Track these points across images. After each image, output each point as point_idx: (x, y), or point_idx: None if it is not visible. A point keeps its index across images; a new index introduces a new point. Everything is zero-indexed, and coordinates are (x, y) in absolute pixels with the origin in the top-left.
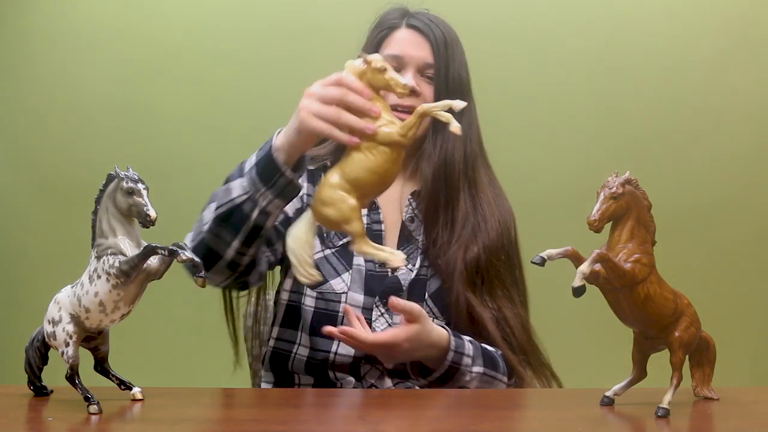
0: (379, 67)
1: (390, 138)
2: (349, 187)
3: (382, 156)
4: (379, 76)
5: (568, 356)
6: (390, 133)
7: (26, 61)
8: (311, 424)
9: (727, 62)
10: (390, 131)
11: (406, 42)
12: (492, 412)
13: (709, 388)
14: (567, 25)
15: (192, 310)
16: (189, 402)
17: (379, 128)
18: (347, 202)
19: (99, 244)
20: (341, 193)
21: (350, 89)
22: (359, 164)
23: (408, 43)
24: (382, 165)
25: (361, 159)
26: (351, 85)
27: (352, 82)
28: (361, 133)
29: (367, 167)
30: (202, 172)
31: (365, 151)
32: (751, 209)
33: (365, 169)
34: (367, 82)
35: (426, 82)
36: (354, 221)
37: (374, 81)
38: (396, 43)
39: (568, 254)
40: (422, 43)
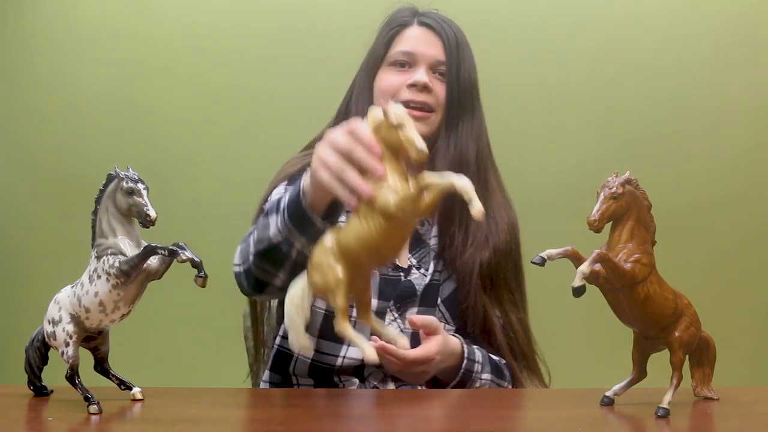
0: (396, 123)
1: (386, 208)
2: (340, 254)
3: (376, 227)
4: (393, 132)
5: (568, 356)
6: (387, 203)
7: (26, 60)
8: (311, 424)
9: (727, 62)
10: (387, 201)
11: (419, 39)
12: (492, 412)
13: (709, 388)
14: (567, 26)
15: (192, 310)
16: (189, 402)
17: (379, 193)
18: (334, 272)
19: (99, 244)
20: (330, 261)
21: (360, 142)
22: (353, 232)
23: (420, 41)
24: (373, 237)
25: (355, 226)
26: (361, 138)
27: (364, 136)
28: (359, 195)
29: (359, 237)
30: (202, 172)
31: (362, 217)
32: (751, 209)
33: (357, 239)
34: (382, 138)
35: (438, 80)
36: (338, 295)
37: (389, 137)
38: (408, 40)
39: (568, 254)
40: (434, 41)
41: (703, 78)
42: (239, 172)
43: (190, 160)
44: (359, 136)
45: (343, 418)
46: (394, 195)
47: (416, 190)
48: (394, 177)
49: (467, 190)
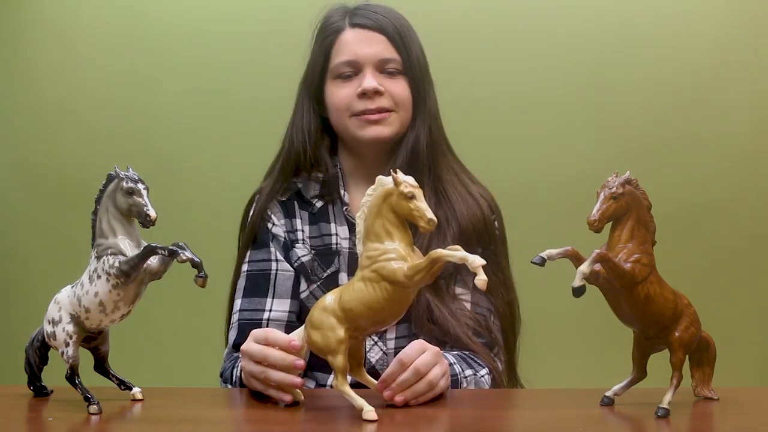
0: (406, 192)
1: (394, 276)
2: (342, 315)
3: (382, 293)
4: (404, 203)
5: (568, 356)
6: (395, 271)
7: (26, 62)
8: (311, 424)
9: (727, 63)
10: (395, 269)
11: (356, 43)
12: (492, 412)
13: (709, 388)
14: (568, 28)
15: (192, 310)
16: (189, 402)
17: (387, 261)
18: (336, 332)
19: (99, 244)
20: (332, 321)
21: (274, 345)
22: (357, 295)
23: (357, 44)
24: (379, 302)
25: (360, 290)
26: (274, 341)
27: (275, 338)
28: (289, 387)
29: (363, 300)
30: (202, 172)
31: (367, 282)
32: (751, 209)
33: (361, 302)
34: (391, 207)
35: (388, 78)
36: (339, 355)
37: (398, 207)
38: (345, 47)
39: (568, 254)
40: (373, 38)
41: (704, 79)
42: (239, 172)
43: (190, 160)
44: (272, 339)
45: (343, 418)
46: (402, 264)
47: (428, 263)
48: (401, 245)
49: (477, 267)
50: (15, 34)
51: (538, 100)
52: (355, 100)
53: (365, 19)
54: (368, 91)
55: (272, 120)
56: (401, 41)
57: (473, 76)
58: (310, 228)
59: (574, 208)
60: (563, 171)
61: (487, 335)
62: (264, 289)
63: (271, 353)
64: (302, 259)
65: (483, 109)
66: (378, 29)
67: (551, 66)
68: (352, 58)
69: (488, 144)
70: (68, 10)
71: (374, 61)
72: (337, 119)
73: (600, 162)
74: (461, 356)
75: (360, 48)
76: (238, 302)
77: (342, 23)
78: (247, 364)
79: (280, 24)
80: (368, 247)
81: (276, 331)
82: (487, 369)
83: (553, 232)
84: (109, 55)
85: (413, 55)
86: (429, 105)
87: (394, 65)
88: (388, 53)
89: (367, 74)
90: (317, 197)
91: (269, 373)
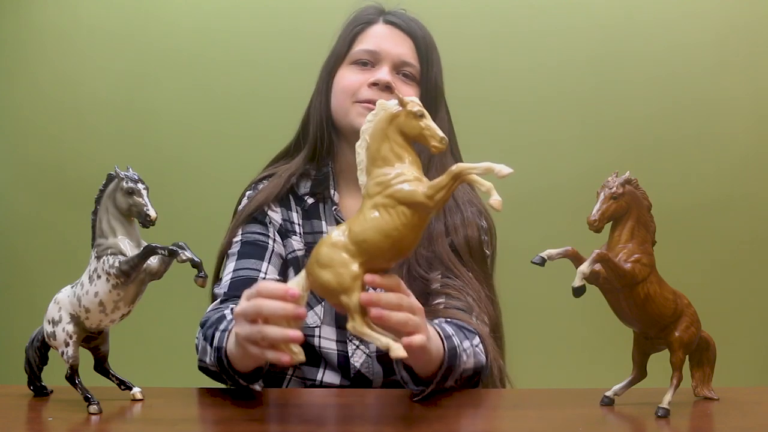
0: (415, 111)
1: (413, 198)
2: (354, 249)
3: (400, 218)
4: (413, 122)
5: (568, 356)
6: (414, 192)
7: (27, 63)
8: (311, 425)
9: (727, 63)
10: (414, 189)
11: (383, 37)
12: (492, 412)
13: (709, 388)
14: (568, 28)
15: (192, 310)
16: (189, 402)
17: (401, 183)
18: (349, 268)
19: (99, 244)
20: (344, 256)
21: (267, 296)
22: (371, 224)
23: (385, 39)
24: (398, 229)
25: (375, 218)
26: (267, 292)
27: (268, 289)
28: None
29: (380, 229)
30: (202, 172)
31: (381, 209)
32: (751, 209)
33: (377, 231)
34: (398, 128)
35: (402, 81)
36: (354, 292)
37: (407, 127)
38: (372, 37)
39: (568, 254)
40: (401, 40)
41: (704, 79)
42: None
43: (190, 160)
44: (264, 291)
45: (341, 417)
46: (419, 184)
47: (449, 179)
48: (411, 168)
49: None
50: (15, 34)
51: (538, 100)
52: (364, 88)
53: (399, 19)
54: (381, 82)
55: (272, 120)
56: (425, 52)
57: (473, 76)
58: (304, 222)
59: (574, 208)
60: (563, 171)
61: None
62: (260, 255)
63: (266, 303)
64: (297, 253)
65: (482, 109)
66: (408, 32)
67: (551, 66)
68: (374, 48)
69: (488, 144)
70: (68, 10)
71: (395, 60)
72: (340, 103)
73: (600, 162)
74: (458, 326)
75: (386, 42)
76: (231, 264)
77: (375, 17)
78: (241, 327)
79: (281, 24)
80: (376, 173)
81: (269, 282)
82: (478, 336)
83: (553, 232)
84: (109, 55)
85: (432, 70)
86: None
87: (410, 70)
88: (410, 57)
89: (384, 68)
90: (308, 194)
91: (265, 331)
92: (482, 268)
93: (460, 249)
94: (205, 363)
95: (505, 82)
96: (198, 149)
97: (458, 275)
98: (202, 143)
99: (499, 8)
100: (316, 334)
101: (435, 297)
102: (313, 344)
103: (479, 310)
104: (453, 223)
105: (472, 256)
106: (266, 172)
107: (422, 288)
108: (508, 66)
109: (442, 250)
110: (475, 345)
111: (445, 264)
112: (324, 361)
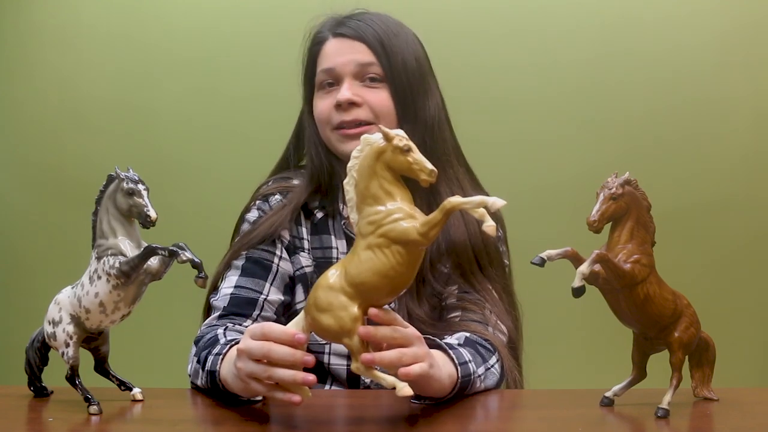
0: (402, 146)
1: (407, 236)
2: (352, 291)
3: (396, 258)
4: (401, 157)
5: (567, 356)
6: (407, 230)
7: (26, 63)
8: (311, 425)
9: (727, 63)
10: (407, 227)
11: (335, 52)
12: (492, 412)
13: (708, 388)
14: (568, 28)
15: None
16: (189, 402)
17: (394, 223)
18: (349, 311)
19: (99, 244)
20: (342, 299)
21: (275, 341)
22: (367, 265)
23: (337, 53)
24: (394, 268)
25: (369, 259)
26: (274, 336)
27: (276, 333)
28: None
29: (376, 270)
30: (202, 172)
31: (375, 249)
32: (750, 210)
33: (373, 272)
34: (386, 164)
35: (368, 87)
36: (355, 334)
37: (395, 163)
38: (326, 56)
39: (568, 254)
40: (352, 47)
41: (704, 79)
42: (240, 173)
43: (190, 160)
44: (272, 335)
45: (341, 418)
46: (411, 221)
47: (442, 215)
48: (404, 204)
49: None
50: (15, 34)
51: (538, 100)
52: (333, 112)
53: (346, 28)
54: (342, 102)
55: (273, 120)
56: (382, 48)
57: (472, 76)
58: (312, 238)
59: (574, 208)
60: (563, 171)
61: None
62: (263, 275)
63: (275, 349)
64: (305, 269)
65: (482, 109)
66: (357, 37)
67: (550, 66)
68: (329, 66)
69: (487, 143)
70: (68, 10)
71: (354, 69)
72: (322, 133)
73: (600, 162)
74: (476, 348)
75: (338, 57)
76: (234, 278)
77: (327, 33)
78: (246, 364)
79: (281, 24)
80: (367, 212)
81: (274, 325)
82: (496, 355)
83: (553, 233)
84: (109, 55)
85: (397, 62)
86: (422, 115)
87: (375, 71)
88: (366, 58)
89: (344, 84)
90: (318, 208)
91: (274, 372)
92: (501, 279)
93: (480, 260)
94: (196, 384)
95: (506, 81)
96: (198, 149)
97: (477, 289)
98: (202, 143)
99: (500, 8)
100: (325, 351)
101: (451, 311)
102: (322, 361)
103: (496, 320)
104: (473, 233)
105: (493, 266)
106: (276, 185)
107: (438, 303)
108: (506, 65)
109: (461, 262)
110: (491, 365)
111: (465, 277)
112: (331, 377)
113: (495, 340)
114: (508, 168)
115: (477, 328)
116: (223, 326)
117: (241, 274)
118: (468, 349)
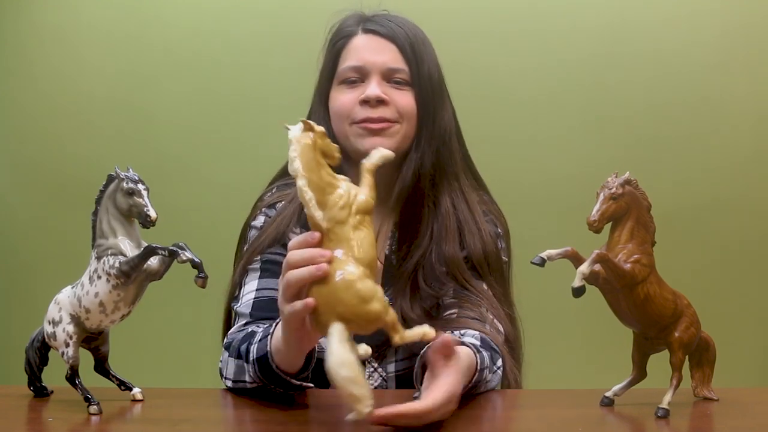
0: (323, 131)
1: (369, 205)
2: (369, 271)
3: (371, 226)
4: (327, 140)
5: (567, 356)
6: (368, 200)
7: (26, 63)
8: (311, 424)
9: (727, 63)
10: (366, 198)
11: (365, 49)
12: (492, 412)
13: (708, 388)
14: (568, 27)
15: (192, 310)
16: (189, 402)
17: (356, 197)
18: (379, 290)
19: (99, 244)
20: (369, 283)
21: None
22: (366, 242)
23: (367, 50)
24: (373, 235)
25: (364, 236)
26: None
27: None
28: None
29: (371, 242)
30: (202, 173)
31: (360, 226)
32: (750, 210)
33: (371, 245)
34: (321, 152)
35: (394, 88)
36: (390, 308)
37: (325, 147)
38: (354, 52)
39: (568, 254)
40: (384, 46)
41: (704, 78)
42: (240, 173)
43: (190, 160)
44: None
45: (342, 418)
46: (363, 191)
47: (371, 175)
48: (345, 179)
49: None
50: (15, 35)
51: (538, 100)
52: (357, 108)
53: (378, 26)
54: (371, 98)
55: (272, 120)
56: (411, 52)
57: (472, 75)
58: None
59: (574, 208)
60: (563, 171)
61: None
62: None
63: (289, 258)
64: None
65: (482, 109)
66: (389, 37)
67: (551, 65)
68: (359, 63)
69: (487, 143)
70: (68, 10)
71: (382, 69)
72: (338, 126)
73: (600, 162)
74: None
75: (369, 54)
76: (254, 283)
77: (355, 28)
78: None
79: (281, 24)
80: (333, 200)
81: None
82: (501, 358)
83: (553, 232)
84: (109, 55)
85: (423, 68)
86: (439, 125)
87: (401, 76)
88: (396, 63)
89: (372, 82)
90: None
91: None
92: (500, 283)
93: (477, 263)
94: (243, 381)
95: (506, 81)
96: (198, 149)
97: (474, 292)
98: (202, 143)
99: (501, 7)
100: None
101: (448, 308)
102: None
103: (493, 318)
104: (470, 234)
105: (491, 269)
106: (279, 192)
107: (434, 301)
108: (507, 65)
109: (457, 264)
110: (497, 368)
111: (459, 281)
112: None
113: (495, 338)
114: (508, 168)
115: (474, 325)
116: (256, 326)
117: (260, 277)
118: (487, 353)
